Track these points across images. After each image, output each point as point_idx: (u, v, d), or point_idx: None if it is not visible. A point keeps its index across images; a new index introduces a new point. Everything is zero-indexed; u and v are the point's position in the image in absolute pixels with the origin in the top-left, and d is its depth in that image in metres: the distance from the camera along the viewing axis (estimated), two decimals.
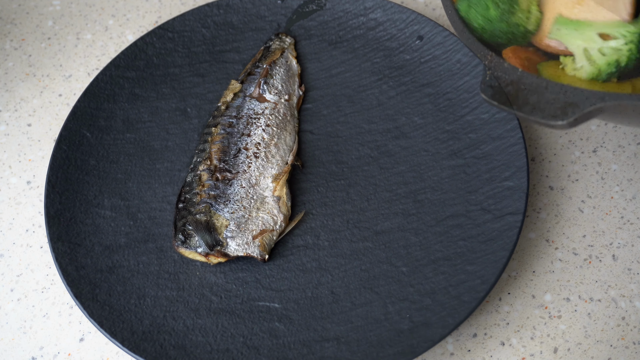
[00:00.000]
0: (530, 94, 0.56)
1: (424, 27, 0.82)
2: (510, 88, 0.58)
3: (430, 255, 0.69)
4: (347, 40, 0.84)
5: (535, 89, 0.56)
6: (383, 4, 0.84)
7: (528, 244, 0.72)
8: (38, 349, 0.67)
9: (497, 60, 0.60)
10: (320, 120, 0.79)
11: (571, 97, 0.54)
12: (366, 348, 0.64)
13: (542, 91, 0.56)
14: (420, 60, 0.81)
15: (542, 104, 0.55)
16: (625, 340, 0.66)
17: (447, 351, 0.66)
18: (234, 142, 0.75)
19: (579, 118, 0.53)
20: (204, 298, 0.68)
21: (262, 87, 0.79)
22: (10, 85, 0.85)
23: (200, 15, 0.86)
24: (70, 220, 0.71)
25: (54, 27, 0.91)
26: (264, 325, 0.66)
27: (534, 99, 0.56)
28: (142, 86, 0.81)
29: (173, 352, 0.64)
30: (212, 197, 0.71)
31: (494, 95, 0.58)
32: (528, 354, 0.66)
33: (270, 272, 0.69)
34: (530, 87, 0.57)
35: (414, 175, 0.74)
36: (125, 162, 0.76)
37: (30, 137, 0.81)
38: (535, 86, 0.57)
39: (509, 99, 0.57)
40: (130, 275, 0.69)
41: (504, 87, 0.58)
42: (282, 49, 0.83)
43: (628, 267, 0.70)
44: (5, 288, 0.71)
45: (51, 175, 0.73)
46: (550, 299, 0.68)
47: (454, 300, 0.65)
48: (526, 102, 0.56)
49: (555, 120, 0.54)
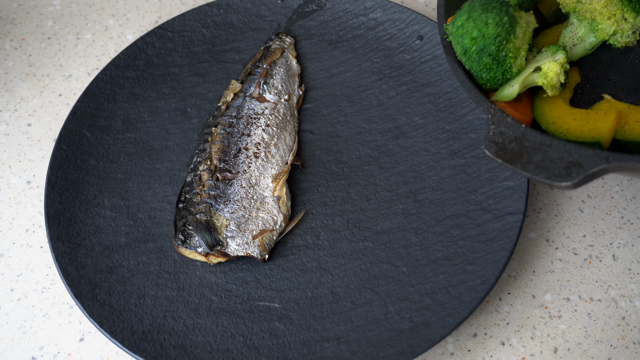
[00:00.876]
0: (534, 152, 0.55)
1: (424, 27, 0.82)
2: (514, 145, 0.56)
3: (430, 255, 0.69)
4: (347, 40, 0.84)
5: (539, 147, 0.55)
6: (383, 4, 0.84)
7: (528, 244, 0.72)
8: (38, 349, 0.67)
9: (500, 115, 0.58)
10: (320, 120, 0.79)
11: (575, 157, 0.53)
12: (366, 348, 0.63)
13: (546, 149, 0.55)
14: (420, 60, 0.81)
15: (547, 163, 0.54)
16: (625, 340, 0.66)
17: (447, 351, 0.66)
18: (234, 142, 0.75)
19: (584, 179, 0.52)
20: (204, 298, 0.68)
21: (262, 87, 0.79)
22: (10, 85, 0.85)
23: (200, 15, 0.86)
24: (70, 220, 0.71)
25: (54, 27, 0.91)
26: (264, 325, 0.66)
27: (537, 157, 0.55)
28: (142, 86, 0.81)
29: (173, 352, 0.64)
30: (212, 197, 0.71)
31: (498, 152, 0.56)
32: (528, 354, 0.66)
33: (270, 272, 0.69)
34: (534, 145, 0.55)
35: (414, 175, 0.74)
36: (125, 162, 0.76)
37: (30, 137, 0.81)
38: (539, 143, 0.55)
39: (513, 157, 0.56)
40: (130, 275, 0.69)
41: (508, 143, 0.57)
42: (282, 49, 0.83)
43: (628, 267, 0.70)
44: (5, 288, 0.71)
45: (51, 175, 0.73)
46: (550, 299, 0.68)
47: (454, 300, 0.65)
48: (530, 161, 0.55)
49: (560, 181, 0.53)
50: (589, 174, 0.52)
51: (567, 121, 0.63)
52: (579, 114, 0.63)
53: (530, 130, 0.56)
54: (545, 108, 0.65)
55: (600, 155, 0.52)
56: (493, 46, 0.62)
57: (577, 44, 0.67)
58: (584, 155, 0.53)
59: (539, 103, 0.66)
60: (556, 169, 0.54)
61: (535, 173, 0.54)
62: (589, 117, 0.62)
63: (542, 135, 0.56)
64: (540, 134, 0.56)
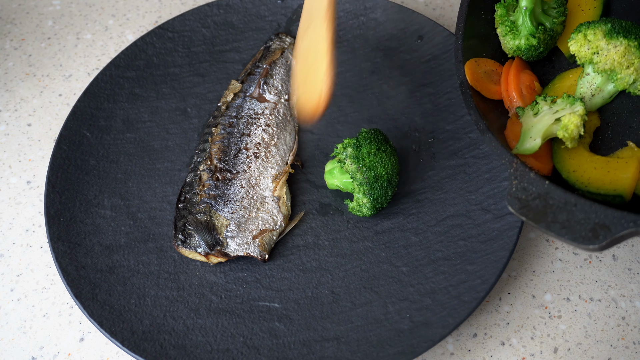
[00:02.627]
0: (559, 211, 0.53)
1: (424, 27, 0.82)
2: (538, 202, 0.54)
3: (430, 255, 0.69)
4: (347, 40, 0.84)
5: (564, 206, 0.53)
6: (383, 4, 0.84)
7: (528, 244, 0.72)
8: (38, 349, 0.67)
9: (523, 169, 0.56)
10: (320, 120, 0.79)
11: (602, 218, 0.51)
12: (366, 348, 0.64)
13: (571, 209, 0.52)
14: (420, 60, 0.81)
15: (572, 223, 0.52)
16: (625, 340, 0.66)
17: (447, 351, 0.66)
18: (234, 142, 0.75)
19: (611, 242, 0.50)
20: (204, 298, 0.68)
21: (262, 87, 0.79)
22: (10, 85, 0.85)
23: (200, 15, 0.86)
24: (70, 220, 0.71)
25: (54, 27, 0.91)
26: (264, 325, 0.66)
27: (563, 217, 0.52)
28: (142, 86, 0.81)
29: (173, 352, 0.64)
30: (212, 197, 0.71)
31: (522, 210, 0.54)
32: (528, 354, 0.66)
33: (270, 272, 0.69)
34: (558, 203, 0.53)
35: (414, 175, 0.74)
36: (125, 162, 0.76)
37: (30, 137, 0.81)
38: (564, 202, 0.53)
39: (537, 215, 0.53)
40: (130, 275, 0.69)
41: (531, 200, 0.54)
42: (282, 49, 0.83)
43: (628, 267, 0.70)
44: (5, 288, 0.71)
45: (51, 175, 0.73)
46: (550, 299, 0.68)
47: (454, 300, 0.65)
48: (555, 220, 0.52)
49: (587, 244, 0.50)
50: (617, 237, 0.50)
51: (588, 170, 0.61)
52: (599, 162, 0.61)
53: (554, 188, 0.54)
54: (565, 155, 0.64)
55: (628, 217, 0.50)
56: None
57: (595, 94, 0.66)
58: (610, 217, 0.50)
59: (559, 150, 0.64)
60: (582, 230, 0.51)
61: (561, 234, 0.52)
62: (610, 166, 0.60)
63: (567, 193, 0.53)
64: (565, 192, 0.53)
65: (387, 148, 0.69)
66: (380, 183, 0.68)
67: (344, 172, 0.70)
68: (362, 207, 0.69)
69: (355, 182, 0.68)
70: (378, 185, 0.68)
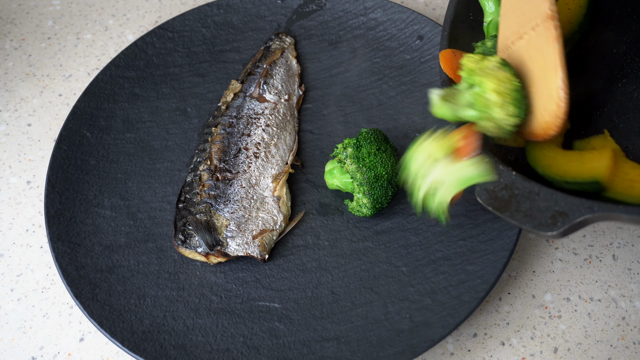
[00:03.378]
0: (522, 200, 0.55)
1: (424, 27, 0.82)
2: (504, 192, 0.56)
3: (430, 255, 0.69)
4: (347, 40, 0.84)
5: (528, 195, 0.55)
6: (383, 4, 0.84)
7: (528, 244, 0.72)
8: (38, 349, 0.67)
9: (492, 161, 0.58)
10: (320, 120, 0.79)
11: (562, 206, 0.53)
12: (366, 348, 0.63)
13: (534, 197, 0.54)
14: (420, 60, 0.81)
15: (534, 212, 0.54)
16: (625, 340, 0.66)
17: (447, 351, 0.66)
18: (234, 142, 0.75)
19: (569, 228, 0.52)
20: (204, 298, 0.68)
21: (262, 87, 0.79)
22: (10, 85, 0.85)
23: (200, 15, 0.86)
24: (70, 220, 0.71)
25: (54, 27, 0.91)
26: (264, 325, 0.66)
27: (526, 205, 0.54)
28: (142, 86, 0.81)
29: (173, 352, 0.64)
30: (212, 197, 0.71)
31: (489, 200, 0.56)
32: (528, 354, 0.66)
33: (270, 272, 0.69)
34: (523, 192, 0.55)
35: None
36: (125, 162, 0.76)
37: (30, 137, 0.81)
38: (528, 192, 0.55)
39: (503, 205, 0.55)
40: (130, 275, 0.69)
41: (499, 191, 0.56)
42: (282, 49, 0.83)
43: (628, 267, 0.70)
44: (5, 288, 0.71)
45: (51, 175, 0.73)
46: (550, 299, 0.68)
47: (454, 300, 0.65)
48: (519, 209, 0.55)
49: (546, 231, 0.53)
50: (574, 223, 0.52)
51: (564, 164, 0.62)
52: (574, 155, 0.62)
53: (520, 178, 0.56)
54: (539, 155, 0.64)
55: (585, 204, 0.51)
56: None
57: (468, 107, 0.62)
58: (569, 204, 0.52)
59: (532, 150, 0.64)
60: (543, 217, 0.53)
61: (523, 222, 0.54)
62: (585, 158, 0.61)
63: (532, 183, 0.55)
64: (529, 182, 0.55)
65: (387, 148, 0.69)
66: (381, 183, 0.68)
67: (344, 172, 0.70)
68: (362, 207, 0.69)
69: (355, 182, 0.68)
70: (378, 185, 0.68)
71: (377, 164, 0.68)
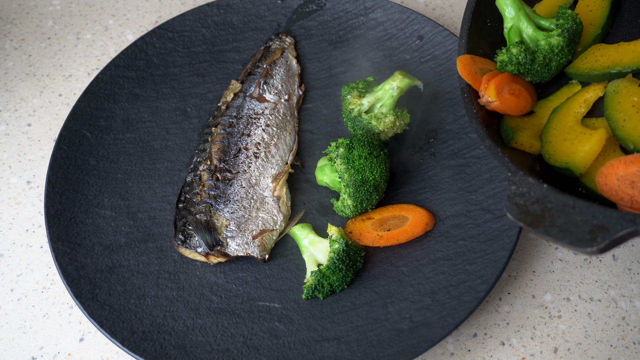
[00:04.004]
0: (557, 215, 0.52)
1: (424, 27, 0.82)
2: (536, 207, 0.53)
3: (430, 255, 0.69)
4: (347, 40, 0.84)
5: (562, 209, 0.52)
6: (383, 4, 0.84)
7: (528, 244, 0.72)
8: (38, 349, 0.67)
9: (521, 175, 0.55)
10: (320, 120, 0.79)
11: (600, 220, 0.50)
12: (366, 348, 0.64)
13: (570, 211, 0.51)
14: (420, 60, 0.81)
15: (570, 227, 0.51)
16: (625, 340, 0.66)
17: (447, 351, 0.66)
18: (234, 142, 0.75)
19: (609, 243, 0.49)
20: (204, 298, 0.68)
21: (262, 87, 0.79)
22: (10, 85, 0.85)
23: (200, 15, 0.86)
24: (70, 220, 0.71)
25: (54, 27, 0.91)
26: (264, 325, 0.66)
27: (561, 220, 0.51)
28: (142, 86, 0.81)
29: (173, 352, 0.64)
30: (212, 197, 0.71)
31: (520, 215, 0.53)
32: (528, 354, 0.66)
33: (270, 272, 0.69)
34: (556, 207, 0.52)
35: (414, 175, 0.74)
36: (125, 162, 0.76)
37: (30, 137, 0.81)
38: (562, 205, 0.52)
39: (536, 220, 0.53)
40: (130, 275, 0.69)
41: (530, 205, 0.53)
42: (282, 49, 0.83)
43: (628, 267, 0.70)
44: (5, 288, 0.71)
45: (51, 175, 0.73)
46: (550, 299, 0.68)
47: (454, 300, 0.65)
48: (553, 224, 0.51)
49: (585, 247, 0.49)
50: (616, 238, 0.49)
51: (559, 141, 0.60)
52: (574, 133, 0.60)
53: (552, 191, 0.53)
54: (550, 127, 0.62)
55: (626, 217, 0.49)
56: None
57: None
58: (608, 217, 0.50)
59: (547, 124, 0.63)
60: (580, 232, 0.50)
61: (559, 238, 0.51)
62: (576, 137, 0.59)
63: (565, 195, 0.53)
64: (563, 195, 0.53)
65: (380, 154, 0.69)
66: (366, 188, 0.68)
67: (334, 170, 0.70)
68: (346, 208, 0.69)
69: (342, 183, 0.68)
70: (364, 189, 0.68)
71: (366, 168, 0.68)
